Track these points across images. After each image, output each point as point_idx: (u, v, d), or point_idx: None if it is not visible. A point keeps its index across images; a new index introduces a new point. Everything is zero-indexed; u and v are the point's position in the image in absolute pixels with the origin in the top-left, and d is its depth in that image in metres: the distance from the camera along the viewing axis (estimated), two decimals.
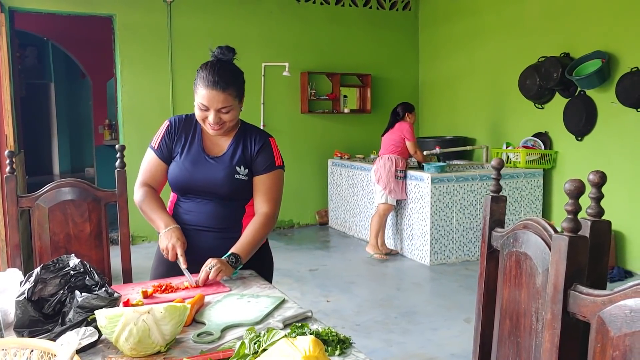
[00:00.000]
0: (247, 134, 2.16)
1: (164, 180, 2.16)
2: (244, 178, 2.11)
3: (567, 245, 0.96)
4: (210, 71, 1.99)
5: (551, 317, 0.97)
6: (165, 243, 2.01)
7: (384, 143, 5.73)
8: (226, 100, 1.99)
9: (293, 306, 1.76)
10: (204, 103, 2.00)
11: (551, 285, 0.97)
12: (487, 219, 1.37)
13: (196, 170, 2.09)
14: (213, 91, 1.97)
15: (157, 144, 2.14)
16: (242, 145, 2.13)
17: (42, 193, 2.13)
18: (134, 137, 6.23)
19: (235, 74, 2.04)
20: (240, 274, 2.07)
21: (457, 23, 7.02)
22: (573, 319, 0.97)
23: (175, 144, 2.13)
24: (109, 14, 6.15)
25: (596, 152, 5.36)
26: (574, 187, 0.96)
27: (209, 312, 1.69)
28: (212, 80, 1.97)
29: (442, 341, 3.68)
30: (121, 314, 1.35)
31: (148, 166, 2.15)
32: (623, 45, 5.05)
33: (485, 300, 1.39)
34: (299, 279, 5.00)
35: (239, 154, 2.12)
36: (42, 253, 2.10)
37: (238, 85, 2.03)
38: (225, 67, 2.02)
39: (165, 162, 2.13)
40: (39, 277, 1.50)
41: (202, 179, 2.08)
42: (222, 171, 2.09)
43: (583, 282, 0.96)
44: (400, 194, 5.57)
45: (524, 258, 1.23)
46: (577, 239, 0.97)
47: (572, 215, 0.99)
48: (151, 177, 2.14)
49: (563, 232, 1.00)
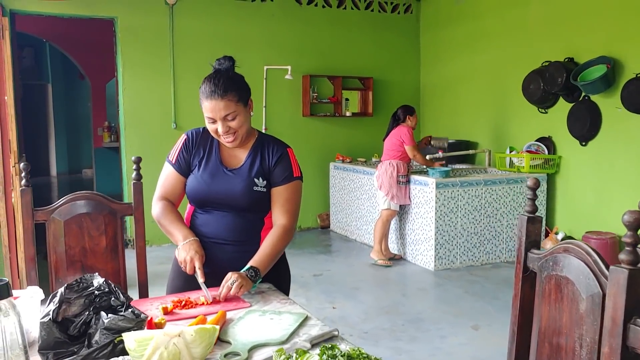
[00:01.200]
0: (265, 144, 2.14)
1: (182, 193, 2.13)
2: (262, 190, 2.08)
3: (626, 278, 0.94)
4: (208, 83, 2.00)
5: (609, 351, 0.95)
6: (183, 255, 1.98)
7: (385, 148, 5.71)
8: (227, 107, 1.98)
9: (317, 323, 1.74)
10: (209, 115, 2.00)
11: (609, 318, 0.96)
12: (523, 240, 1.34)
13: (215, 183, 2.06)
14: (213, 101, 1.97)
15: (175, 158, 2.12)
16: (259, 156, 2.11)
17: (58, 206, 2.10)
18: (135, 140, 6.20)
19: (232, 79, 2.02)
20: (258, 287, 2.05)
21: (459, 26, 7.01)
22: (632, 353, 0.95)
23: (193, 157, 2.11)
24: (111, 16, 6.11)
25: (600, 157, 5.36)
26: (634, 219, 0.94)
27: (233, 330, 1.66)
28: (210, 91, 1.98)
29: (451, 349, 3.66)
30: (151, 337, 1.33)
31: (166, 180, 2.13)
32: (628, 51, 5.05)
33: (520, 322, 1.37)
34: (304, 285, 4.98)
35: (257, 166, 2.10)
36: (58, 267, 2.07)
37: (237, 89, 2.01)
38: (222, 75, 2.01)
39: (183, 176, 2.12)
40: (64, 297, 1.47)
41: (220, 191, 2.06)
42: (240, 183, 2.06)
43: None
44: (403, 199, 5.56)
45: (565, 282, 1.21)
46: (637, 271, 0.95)
47: (631, 248, 0.97)
48: (169, 191, 2.12)
49: (621, 265, 0.98)
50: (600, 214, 5.35)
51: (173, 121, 6.34)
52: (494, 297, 4.62)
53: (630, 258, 0.97)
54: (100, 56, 8.86)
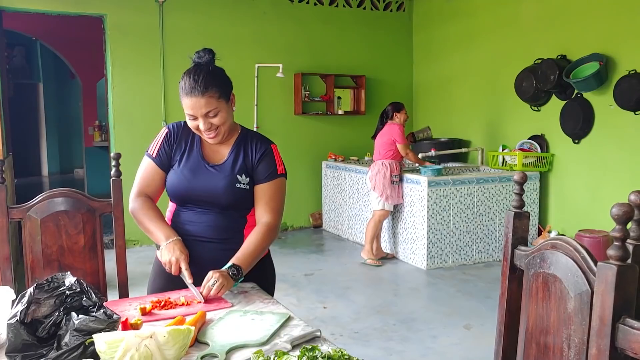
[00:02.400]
0: (248, 140, 2.09)
1: (162, 189, 2.07)
2: (245, 187, 2.03)
3: (615, 275, 0.89)
4: (187, 78, 1.93)
5: (597, 352, 0.90)
6: (167, 256, 1.92)
7: (377, 147, 5.62)
8: (209, 103, 1.91)
9: (299, 324, 1.68)
10: (190, 112, 1.94)
11: (597, 317, 0.90)
12: (510, 237, 1.29)
13: (195, 179, 2.01)
14: (193, 98, 1.91)
15: (156, 152, 2.05)
16: (243, 152, 2.06)
17: (34, 204, 2.04)
18: (125, 139, 6.12)
19: (213, 74, 1.95)
20: (241, 287, 1.99)
21: (451, 24, 6.96)
22: (622, 354, 0.90)
23: (175, 151, 2.05)
24: (100, 14, 6.03)
25: (593, 155, 5.32)
26: (622, 212, 0.88)
27: (212, 331, 1.60)
28: (190, 87, 1.91)
29: (442, 349, 3.61)
30: (122, 339, 1.27)
31: (145, 175, 2.05)
32: (621, 48, 5.01)
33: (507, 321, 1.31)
34: (295, 284, 4.92)
35: (240, 162, 2.04)
36: (34, 266, 2.01)
37: (218, 84, 1.94)
38: (202, 70, 1.94)
39: (164, 170, 2.05)
40: (33, 297, 1.41)
41: (201, 188, 2.00)
42: (222, 180, 2.00)
43: (632, 315, 0.89)
44: (397, 199, 5.50)
45: (552, 280, 1.15)
46: (626, 268, 0.90)
47: (619, 243, 0.91)
48: (148, 186, 2.05)
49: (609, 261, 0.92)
50: (593, 212, 5.32)
51: (163, 119, 6.27)
52: (486, 296, 4.57)
53: (619, 254, 0.91)
54: (90, 55, 8.77)
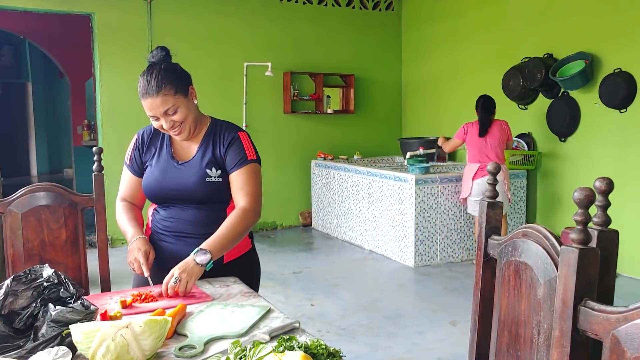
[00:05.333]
0: (217, 131, 2.07)
1: (141, 194, 2.13)
2: (217, 180, 2.02)
3: (577, 258, 0.91)
4: (141, 79, 1.92)
5: (560, 335, 0.91)
6: (130, 258, 1.95)
7: (490, 146, 5.19)
8: (165, 102, 1.90)
9: (279, 316, 1.69)
10: (149, 113, 1.94)
11: (559, 300, 0.92)
12: (483, 226, 1.31)
13: (165, 179, 2.02)
14: (149, 98, 1.90)
15: (129, 160, 2.12)
16: (212, 144, 2.05)
17: (15, 198, 2.03)
18: (113, 138, 6.10)
19: (165, 71, 1.92)
20: (223, 281, 2.00)
21: (439, 24, 6.99)
22: (583, 336, 0.92)
23: (145, 155, 2.09)
24: (88, 12, 6.01)
25: (579, 153, 5.36)
26: (584, 196, 0.90)
27: (191, 323, 1.61)
28: (144, 88, 1.91)
29: (428, 345, 3.63)
30: (98, 329, 1.27)
31: (124, 183, 2.14)
32: (606, 47, 5.05)
33: (481, 310, 1.33)
34: (283, 282, 4.93)
35: (209, 156, 2.03)
36: (15, 261, 2.01)
37: (171, 81, 1.92)
38: (154, 69, 1.92)
39: (139, 177, 2.11)
40: (10, 289, 1.42)
41: (172, 186, 2.02)
42: (192, 176, 2.01)
43: (594, 297, 0.91)
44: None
45: (523, 268, 1.17)
46: (588, 251, 0.92)
47: (581, 226, 0.93)
48: (128, 193, 2.13)
49: (572, 244, 0.94)
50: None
51: None
52: (472, 293, 4.59)
53: (580, 237, 0.93)
54: (79, 54, 8.74)
